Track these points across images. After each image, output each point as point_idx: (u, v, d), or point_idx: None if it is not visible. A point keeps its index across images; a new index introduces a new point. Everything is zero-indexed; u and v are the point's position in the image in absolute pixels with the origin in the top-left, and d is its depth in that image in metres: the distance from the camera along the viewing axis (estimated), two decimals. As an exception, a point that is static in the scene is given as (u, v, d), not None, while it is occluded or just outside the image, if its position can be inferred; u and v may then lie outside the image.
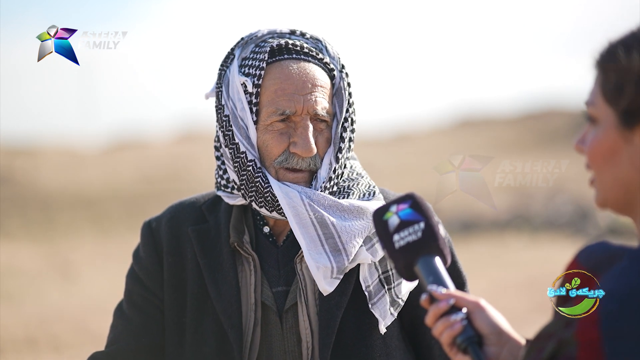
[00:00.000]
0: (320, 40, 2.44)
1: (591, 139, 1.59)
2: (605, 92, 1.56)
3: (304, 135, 2.34)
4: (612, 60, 1.55)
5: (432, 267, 1.83)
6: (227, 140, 2.39)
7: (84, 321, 10.94)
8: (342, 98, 2.40)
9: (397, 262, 1.86)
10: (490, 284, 12.32)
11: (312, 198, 2.34)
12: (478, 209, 19.78)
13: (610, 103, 1.55)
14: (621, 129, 1.55)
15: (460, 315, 1.77)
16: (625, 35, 1.57)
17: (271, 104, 2.35)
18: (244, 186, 2.38)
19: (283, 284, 2.39)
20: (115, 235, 19.24)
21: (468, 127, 35.83)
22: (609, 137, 1.56)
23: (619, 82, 1.54)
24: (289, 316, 2.37)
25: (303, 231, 2.33)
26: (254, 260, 2.39)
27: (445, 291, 1.79)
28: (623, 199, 1.58)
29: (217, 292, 2.38)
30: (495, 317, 1.79)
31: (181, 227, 2.46)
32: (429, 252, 1.84)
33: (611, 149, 1.56)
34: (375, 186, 2.45)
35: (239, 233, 2.40)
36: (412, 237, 1.85)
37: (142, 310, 2.44)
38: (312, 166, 2.37)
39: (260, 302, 2.38)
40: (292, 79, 2.35)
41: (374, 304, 2.35)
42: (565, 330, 1.45)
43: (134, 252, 2.50)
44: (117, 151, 29.74)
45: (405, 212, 1.88)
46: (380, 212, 1.90)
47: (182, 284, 2.42)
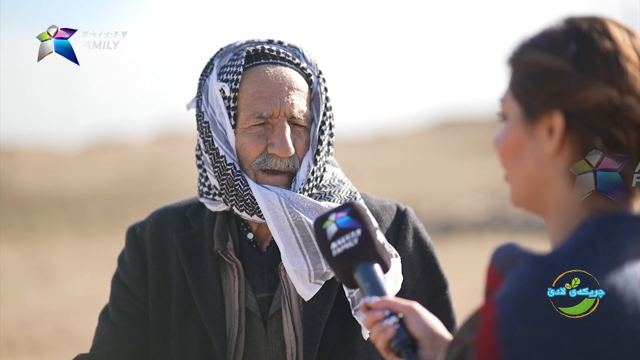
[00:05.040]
0: (298, 47, 2.48)
1: (501, 136, 1.61)
2: (512, 88, 1.59)
3: (281, 136, 2.37)
4: (519, 57, 1.59)
5: (370, 273, 1.84)
6: (207, 146, 2.42)
7: (63, 323, 10.90)
8: (319, 102, 2.43)
9: (335, 269, 1.87)
10: (470, 286, 12.35)
11: (291, 200, 2.36)
12: (456, 211, 19.83)
13: (516, 99, 1.58)
14: (525, 123, 1.57)
15: (393, 320, 1.79)
16: (535, 33, 1.60)
17: (248, 107, 2.38)
18: (224, 190, 2.40)
19: (267, 290, 2.41)
20: (94, 236, 19.17)
21: (448, 129, 35.93)
22: (516, 133, 1.58)
23: (524, 78, 1.57)
24: (274, 322, 2.39)
25: (282, 234, 2.35)
26: (237, 267, 2.41)
27: (379, 299, 1.81)
28: (531, 197, 1.59)
29: (201, 299, 2.39)
30: (430, 321, 1.82)
31: (165, 233, 2.48)
32: (367, 258, 1.85)
33: (517, 145, 1.58)
34: (356, 192, 2.47)
35: (223, 240, 2.43)
36: (348, 245, 1.86)
37: (127, 314, 2.46)
38: (290, 167, 2.39)
39: (244, 308, 2.40)
40: (269, 82, 2.39)
41: (356, 310, 2.36)
42: (468, 334, 1.47)
43: (119, 257, 2.52)
44: (96, 152, 29.65)
45: (342, 220, 1.90)
46: (320, 221, 1.91)
47: (166, 291, 2.44)
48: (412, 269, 2.43)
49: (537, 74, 1.56)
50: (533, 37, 1.60)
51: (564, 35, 1.56)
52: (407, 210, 2.50)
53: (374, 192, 2.59)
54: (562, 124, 1.54)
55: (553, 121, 1.54)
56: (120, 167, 26.62)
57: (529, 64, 1.57)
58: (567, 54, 1.54)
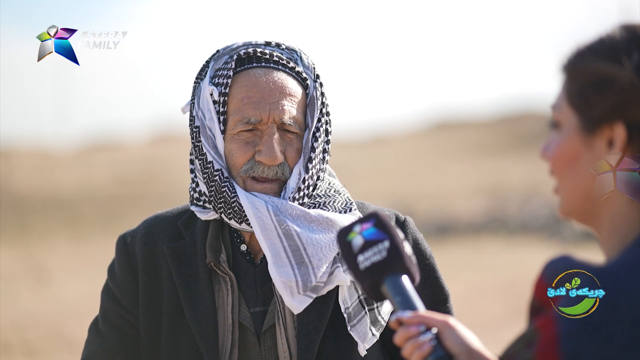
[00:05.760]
0: (296, 50, 2.40)
1: (554, 144, 1.58)
2: (569, 97, 1.56)
3: (269, 143, 2.30)
4: (577, 65, 1.56)
5: (400, 286, 1.79)
6: (196, 152, 2.36)
7: (58, 326, 10.89)
8: (314, 107, 2.35)
9: (363, 283, 1.82)
10: (466, 288, 12.33)
11: (279, 208, 2.30)
12: (453, 212, 19.80)
13: (574, 108, 1.55)
14: (583, 134, 1.54)
15: (429, 336, 1.74)
16: (593, 40, 1.57)
17: (237, 113, 2.32)
18: (213, 197, 2.34)
19: (261, 304, 2.34)
20: (89, 238, 19.16)
21: (444, 129, 35.96)
22: (572, 143, 1.55)
23: (584, 87, 1.54)
24: (267, 337, 2.33)
25: (269, 243, 2.28)
26: (231, 280, 2.35)
27: (413, 314, 1.76)
28: (584, 208, 1.57)
29: (193, 313, 2.33)
30: (466, 336, 1.76)
31: (156, 243, 2.41)
32: (395, 271, 1.80)
33: (573, 155, 1.55)
34: (353, 202, 2.39)
35: (216, 252, 2.36)
36: (377, 257, 1.81)
37: (117, 327, 2.40)
38: (279, 175, 2.32)
39: (237, 322, 2.33)
40: (259, 86, 2.32)
41: (353, 326, 2.30)
42: (525, 351, 1.44)
43: (109, 268, 2.46)
44: (92, 153, 29.67)
45: (369, 232, 1.84)
46: (344, 233, 1.85)
47: (157, 303, 2.38)
48: None
49: (598, 83, 1.52)
50: (591, 45, 1.56)
51: (625, 44, 1.53)
52: (406, 221, 2.43)
53: (370, 193, 2.54)
54: (623, 135, 1.51)
55: (614, 132, 1.52)
56: (116, 168, 26.62)
57: (589, 73, 1.53)
58: (630, 63, 1.51)
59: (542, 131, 32.08)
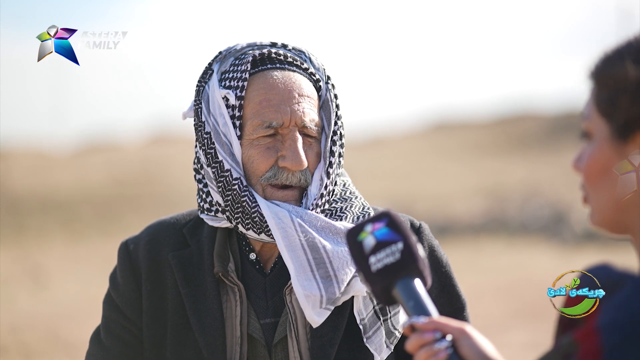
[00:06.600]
0: (304, 51, 2.31)
1: (587, 156, 1.53)
2: (599, 105, 1.51)
3: (293, 147, 2.20)
4: (606, 71, 1.51)
5: (413, 290, 1.71)
6: (209, 159, 2.24)
7: (55, 328, 10.88)
8: (329, 110, 2.27)
9: (374, 286, 1.73)
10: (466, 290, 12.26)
11: (303, 218, 2.20)
12: (452, 213, 19.79)
13: (604, 116, 1.51)
14: (615, 143, 1.50)
15: (445, 344, 1.66)
16: (621, 44, 1.52)
17: (256, 117, 2.21)
18: (229, 207, 2.23)
19: (271, 315, 2.25)
20: (86, 239, 19.17)
21: (442, 130, 36.02)
22: (604, 153, 1.51)
23: (613, 93, 1.49)
24: (279, 350, 2.23)
25: (292, 255, 2.18)
26: (239, 290, 2.25)
27: (427, 319, 1.68)
28: (617, 218, 1.52)
29: (200, 324, 2.23)
30: (482, 344, 1.69)
31: (161, 251, 2.31)
32: (408, 274, 1.72)
33: (604, 165, 1.52)
34: (369, 207, 2.30)
35: (224, 261, 2.26)
36: (389, 259, 1.72)
37: (120, 338, 2.30)
38: (302, 182, 2.23)
39: (246, 335, 2.23)
40: (278, 88, 2.22)
41: (369, 337, 2.21)
42: None
43: (111, 276, 2.35)
44: (89, 154, 29.70)
45: (381, 232, 1.75)
46: (354, 233, 1.76)
47: (161, 314, 2.28)
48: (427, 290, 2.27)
49: (628, 88, 1.47)
50: (619, 50, 1.51)
51: None
52: (421, 227, 2.34)
53: (369, 194, 2.45)
54: None
55: None
56: (113, 169, 26.62)
57: (619, 78, 1.48)
58: None
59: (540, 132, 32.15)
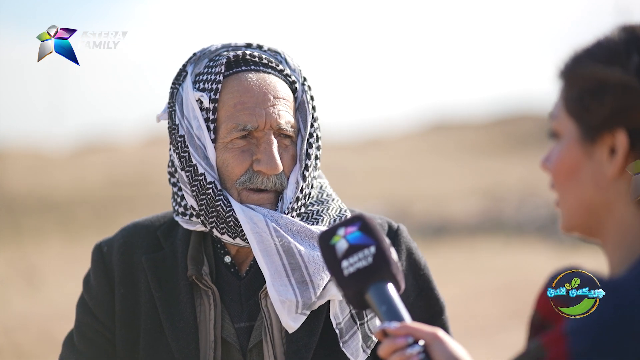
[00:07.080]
0: (280, 52, 2.28)
1: (555, 156, 1.51)
2: (568, 105, 1.49)
3: (268, 151, 2.17)
4: (574, 70, 1.49)
5: (385, 295, 1.69)
6: (183, 163, 2.21)
7: (49, 329, 10.87)
8: (305, 112, 2.24)
9: (346, 290, 1.71)
10: (462, 290, 12.27)
11: (278, 223, 2.17)
12: (449, 214, 19.79)
13: (572, 116, 1.48)
14: (583, 143, 1.48)
15: (417, 349, 1.64)
16: (590, 44, 1.50)
17: (230, 120, 2.18)
18: (203, 212, 2.19)
19: (246, 319, 2.21)
20: (82, 239, 19.15)
21: (439, 131, 36.05)
22: (572, 153, 1.49)
23: (582, 93, 1.47)
24: (254, 355, 2.20)
25: (267, 260, 2.15)
26: (213, 294, 2.21)
27: (400, 324, 1.66)
28: (588, 222, 1.50)
29: (173, 328, 2.20)
30: (454, 349, 1.67)
31: (134, 254, 2.28)
32: (381, 278, 1.70)
33: (573, 166, 1.49)
34: (346, 210, 2.27)
35: (198, 264, 2.22)
36: (362, 263, 1.70)
37: (93, 342, 2.27)
38: (277, 185, 2.20)
39: (220, 339, 2.20)
40: (252, 91, 2.19)
41: (345, 342, 2.18)
42: None
43: (84, 279, 2.32)
44: (85, 154, 29.71)
45: (354, 236, 1.72)
46: (327, 236, 1.73)
47: (134, 318, 2.24)
48: (405, 293, 2.22)
49: (597, 88, 1.44)
50: (588, 49, 1.48)
51: (625, 46, 1.45)
52: (399, 229, 2.31)
53: (366, 195, 2.42)
54: (625, 142, 1.43)
55: (615, 140, 1.44)
56: (109, 169, 26.62)
57: (587, 78, 1.46)
58: (630, 66, 1.43)
59: (537, 132, 32.16)
